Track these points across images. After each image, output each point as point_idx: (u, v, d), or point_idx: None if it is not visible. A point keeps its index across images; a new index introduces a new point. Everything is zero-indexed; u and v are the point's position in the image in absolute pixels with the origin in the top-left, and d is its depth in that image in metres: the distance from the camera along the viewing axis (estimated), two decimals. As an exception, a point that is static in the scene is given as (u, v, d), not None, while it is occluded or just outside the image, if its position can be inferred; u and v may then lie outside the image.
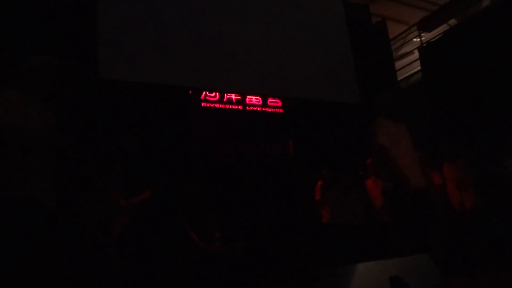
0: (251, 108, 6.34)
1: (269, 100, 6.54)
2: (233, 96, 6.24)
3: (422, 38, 8.72)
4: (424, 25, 8.85)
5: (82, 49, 4.98)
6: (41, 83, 2.40)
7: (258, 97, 6.43)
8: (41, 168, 2.21)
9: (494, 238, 4.46)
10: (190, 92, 5.92)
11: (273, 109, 6.53)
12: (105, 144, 2.42)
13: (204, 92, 6.03)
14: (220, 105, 6.11)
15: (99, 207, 3.67)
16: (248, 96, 6.37)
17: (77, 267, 3.47)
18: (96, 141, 2.40)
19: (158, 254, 4.69)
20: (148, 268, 4.49)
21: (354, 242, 5.03)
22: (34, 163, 2.19)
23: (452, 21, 8.99)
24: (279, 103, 6.59)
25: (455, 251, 4.25)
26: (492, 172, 5.14)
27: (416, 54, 8.54)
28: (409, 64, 8.90)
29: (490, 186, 4.86)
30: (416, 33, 8.95)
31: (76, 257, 3.53)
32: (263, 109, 6.44)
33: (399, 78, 8.64)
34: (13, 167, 2.12)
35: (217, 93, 6.11)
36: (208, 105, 6.02)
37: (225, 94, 6.18)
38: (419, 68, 8.23)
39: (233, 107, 6.20)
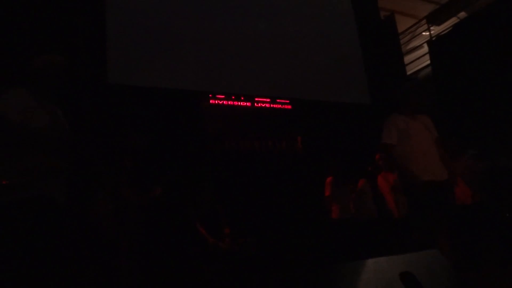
0: (259, 104, 6.35)
1: (277, 96, 6.54)
2: (241, 93, 6.26)
3: (432, 32, 8.63)
4: (433, 19, 8.76)
5: (92, 54, 5.01)
6: (51, 82, 2.43)
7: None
8: (53, 167, 2.25)
9: (505, 232, 4.43)
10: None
11: (282, 106, 6.53)
12: (115, 142, 2.45)
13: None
14: (229, 102, 6.13)
15: (110, 204, 3.72)
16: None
17: (89, 263, 3.52)
18: (106, 139, 2.43)
19: (168, 250, 4.73)
20: (159, 264, 4.53)
21: (363, 238, 5.03)
22: (46, 162, 2.22)
23: (462, 14, 8.88)
24: (287, 100, 6.58)
25: (465, 246, 4.23)
26: (502, 165, 5.09)
27: (425, 48, 8.46)
28: (418, 58, 8.82)
29: (500, 180, 4.83)
30: (425, 26, 8.86)
31: (88, 253, 3.57)
32: (271, 105, 6.45)
33: (408, 73, 8.57)
34: (26, 166, 2.16)
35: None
36: (216, 102, 6.04)
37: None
38: (428, 62, 8.16)
39: (241, 104, 6.22)
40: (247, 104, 6.25)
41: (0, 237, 2.04)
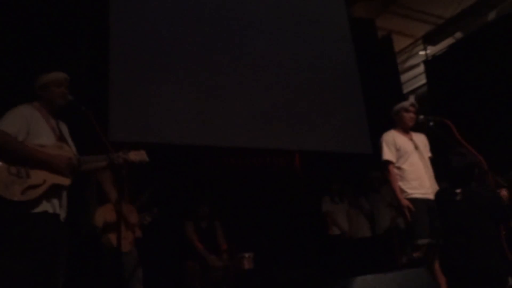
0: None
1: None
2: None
3: (428, 52, 8.77)
4: (430, 39, 8.91)
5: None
6: (55, 98, 2.50)
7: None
8: (57, 183, 2.31)
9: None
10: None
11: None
12: (115, 158, 2.53)
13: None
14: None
15: (111, 219, 3.77)
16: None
17: (91, 276, 3.56)
18: (106, 155, 2.51)
19: (166, 266, 4.76)
20: (157, 279, 4.56)
21: (360, 255, 5.06)
22: (51, 178, 2.29)
23: (458, 35, 9.03)
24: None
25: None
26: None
27: (421, 67, 8.59)
28: (414, 78, 8.95)
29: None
30: (422, 46, 9.00)
31: (89, 266, 3.62)
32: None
33: (404, 91, 8.68)
34: (31, 183, 2.22)
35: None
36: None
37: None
38: (424, 81, 8.28)
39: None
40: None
41: (5, 252, 2.10)
